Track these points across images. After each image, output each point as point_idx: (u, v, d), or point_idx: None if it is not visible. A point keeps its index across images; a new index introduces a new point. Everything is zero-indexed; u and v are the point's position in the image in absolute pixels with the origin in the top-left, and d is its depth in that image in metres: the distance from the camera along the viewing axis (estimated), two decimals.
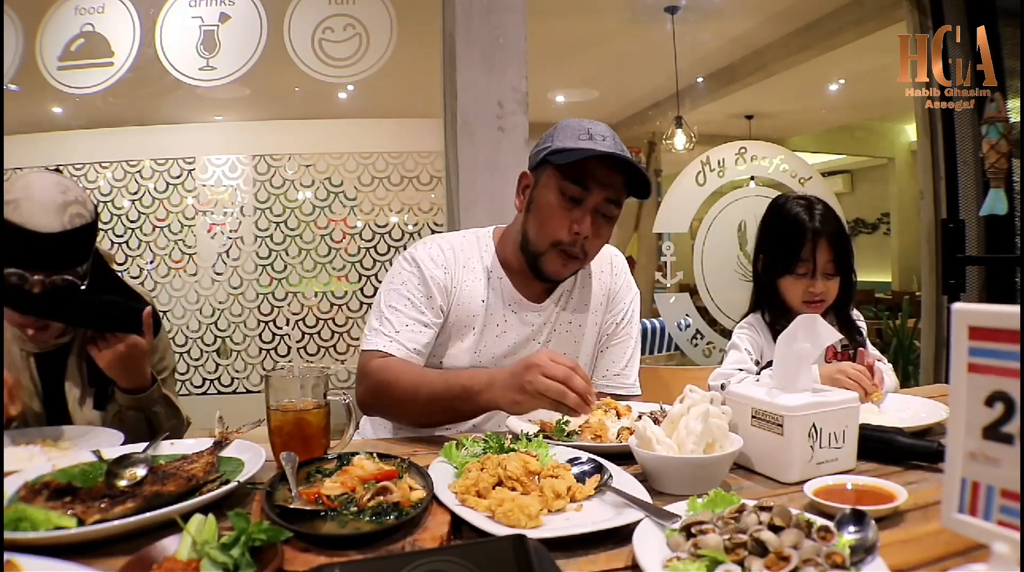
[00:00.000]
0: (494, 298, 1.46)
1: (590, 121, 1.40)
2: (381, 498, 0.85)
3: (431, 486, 0.90)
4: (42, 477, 0.91)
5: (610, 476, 0.93)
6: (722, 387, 1.50)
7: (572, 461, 0.99)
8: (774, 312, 1.65)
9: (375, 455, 1.00)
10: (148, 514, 0.82)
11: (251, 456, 1.04)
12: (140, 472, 0.94)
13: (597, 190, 1.35)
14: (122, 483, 0.91)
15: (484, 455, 0.99)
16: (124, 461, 0.97)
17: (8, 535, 0.74)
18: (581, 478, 0.93)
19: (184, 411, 1.51)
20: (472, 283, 1.46)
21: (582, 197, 1.35)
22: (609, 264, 1.58)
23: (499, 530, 0.79)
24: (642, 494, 0.88)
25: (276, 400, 1.08)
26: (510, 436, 1.11)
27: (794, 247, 1.56)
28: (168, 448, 1.10)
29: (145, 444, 1.09)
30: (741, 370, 1.56)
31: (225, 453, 1.07)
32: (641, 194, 1.37)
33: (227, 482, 0.94)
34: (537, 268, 1.42)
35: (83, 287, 1.27)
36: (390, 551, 0.77)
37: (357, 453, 1.00)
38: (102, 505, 0.83)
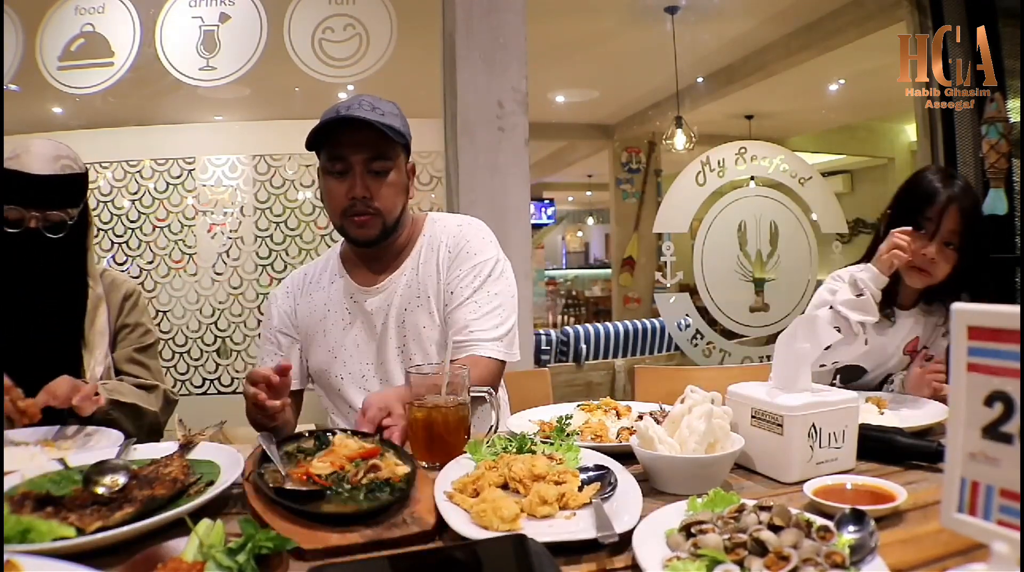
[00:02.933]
0: (334, 297, 1.55)
1: (355, 97, 1.44)
2: (373, 475, 0.90)
3: (413, 459, 0.96)
4: (17, 488, 0.89)
5: (612, 489, 0.91)
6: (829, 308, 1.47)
7: (583, 469, 0.98)
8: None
9: (350, 432, 1.05)
10: (156, 517, 0.82)
11: (226, 458, 1.04)
12: (121, 479, 0.92)
13: (352, 154, 1.39)
14: (102, 490, 0.90)
15: (503, 454, 1.00)
16: (102, 468, 0.95)
17: (19, 547, 0.74)
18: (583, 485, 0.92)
19: (157, 390, 1.56)
20: (316, 294, 1.57)
21: (345, 167, 1.41)
22: (446, 237, 1.54)
23: (472, 531, 0.79)
24: (634, 507, 0.84)
25: (417, 398, 1.11)
26: (537, 436, 1.11)
27: (923, 204, 1.50)
28: (135, 453, 1.09)
29: (118, 449, 1.09)
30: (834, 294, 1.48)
31: (194, 456, 1.07)
32: (397, 137, 1.39)
33: (211, 483, 0.95)
34: (351, 239, 1.50)
35: (71, 223, 1.45)
36: (383, 540, 0.77)
37: (332, 431, 1.05)
38: (101, 512, 0.83)
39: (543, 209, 13.95)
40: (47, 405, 1.27)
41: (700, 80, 6.01)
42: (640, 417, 1.18)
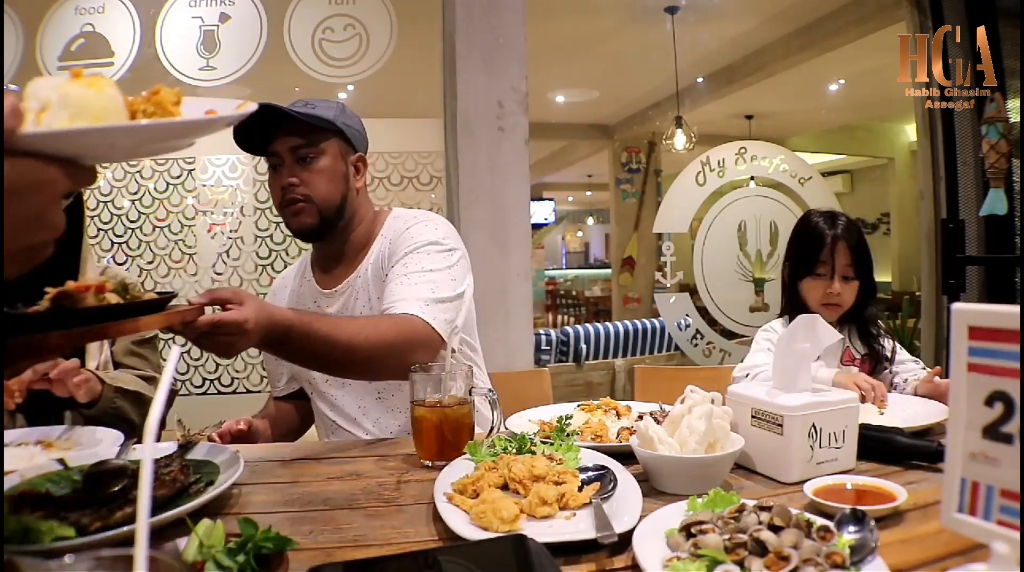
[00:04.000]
0: (301, 301, 1.57)
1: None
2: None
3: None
4: (16, 488, 0.89)
5: (612, 489, 0.91)
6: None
7: (583, 469, 0.98)
8: (796, 315, 1.70)
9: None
10: (155, 518, 0.81)
11: (227, 459, 1.05)
12: (121, 479, 0.90)
13: (280, 146, 1.42)
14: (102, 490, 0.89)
15: (503, 454, 1.00)
16: (102, 468, 0.93)
17: (19, 547, 0.74)
18: (583, 485, 0.92)
19: (156, 381, 1.56)
20: (288, 299, 1.60)
21: (277, 161, 1.44)
22: (393, 231, 1.49)
23: (472, 531, 0.79)
24: (634, 507, 0.84)
25: (420, 396, 1.12)
26: (537, 437, 1.11)
27: (815, 250, 1.67)
28: (134, 453, 1.09)
29: (117, 449, 1.09)
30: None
31: (193, 456, 1.07)
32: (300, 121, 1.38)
33: (210, 483, 0.95)
34: (293, 232, 1.49)
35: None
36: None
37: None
38: (101, 512, 0.83)
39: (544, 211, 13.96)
40: (43, 386, 1.27)
41: (700, 80, 6.02)
42: (640, 417, 1.18)
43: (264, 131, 1.42)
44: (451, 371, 1.14)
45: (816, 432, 1.00)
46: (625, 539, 0.76)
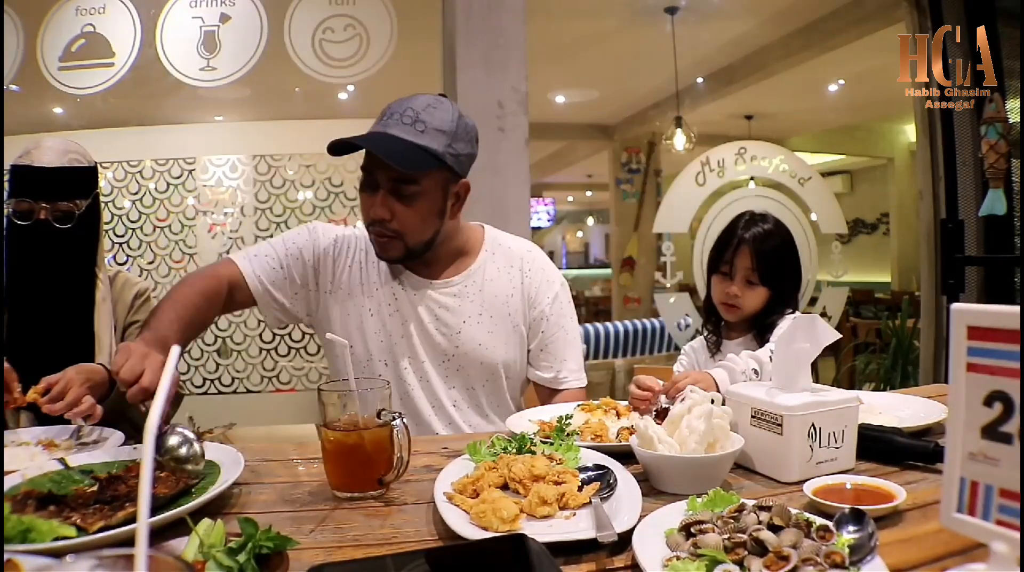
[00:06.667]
0: (385, 280, 1.50)
1: (406, 99, 1.37)
2: None
3: None
4: (19, 487, 0.89)
5: (611, 489, 0.91)
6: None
7: (583, 468, 0.98)
8: (706, 312, 1.80)
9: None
10: (157, 517, 0.82)
11: (227, 458, 1.05)
12: (184, 449, 0.94)
13: (379, 172, 1.34)
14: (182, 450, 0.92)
15: (503, 454, 1.00)
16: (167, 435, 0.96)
17: (20, 547, 0.74)
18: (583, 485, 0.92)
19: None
20: (368, 267, 1.51)
21: (372, 182, 1.36)
22: (519, 262, 1.55)
23: (472, 531, 0.79)
24: (634, 507, 0.84)
25: (332, 418, 1.00)
26: (537, 437, 1.10)
27: (722, 249, 1.70)
28: (135, 453, 1.08)
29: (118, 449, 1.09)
30: None
31: None
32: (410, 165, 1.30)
33: (210, 482, 0.95)
34: (375, 252, 1.46)
35: (79, 214, 1.48)
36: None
37: None
38: (103, 511, 0.83)
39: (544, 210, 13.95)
40: (46, 403, 1.26)
41: (700, 80, 6.02)
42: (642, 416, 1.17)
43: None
44: (367, 390, 1.02)
45: (815, 432, 1.00)
46: (625, 539, 0.76)
